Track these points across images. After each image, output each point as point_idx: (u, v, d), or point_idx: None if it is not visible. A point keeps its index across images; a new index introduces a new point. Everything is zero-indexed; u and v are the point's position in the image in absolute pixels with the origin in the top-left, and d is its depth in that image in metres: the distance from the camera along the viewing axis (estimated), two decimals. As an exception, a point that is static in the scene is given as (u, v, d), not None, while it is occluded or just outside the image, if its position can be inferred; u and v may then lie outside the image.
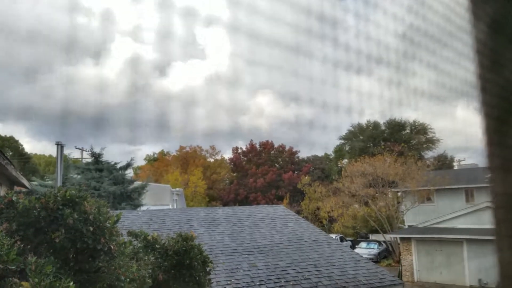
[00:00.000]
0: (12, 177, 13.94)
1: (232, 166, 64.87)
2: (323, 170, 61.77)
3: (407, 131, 55.78)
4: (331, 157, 66.51)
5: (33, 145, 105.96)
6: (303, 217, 25.51)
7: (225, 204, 54.20)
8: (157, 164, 66.04)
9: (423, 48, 2.03)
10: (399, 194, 37.43)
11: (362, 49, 1.92)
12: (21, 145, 60.11)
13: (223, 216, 16.22)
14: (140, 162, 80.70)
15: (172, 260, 6.96)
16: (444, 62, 1.97)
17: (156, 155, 77.55)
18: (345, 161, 54.22)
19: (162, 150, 76.35)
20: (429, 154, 53.63)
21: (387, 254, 36.30)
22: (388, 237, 34.51)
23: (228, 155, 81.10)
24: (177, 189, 44.79)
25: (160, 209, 20.49)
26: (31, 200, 5.51)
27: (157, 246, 7.10)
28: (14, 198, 5.56)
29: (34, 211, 5.39)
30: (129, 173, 34.97)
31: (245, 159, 63.51)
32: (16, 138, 59.97)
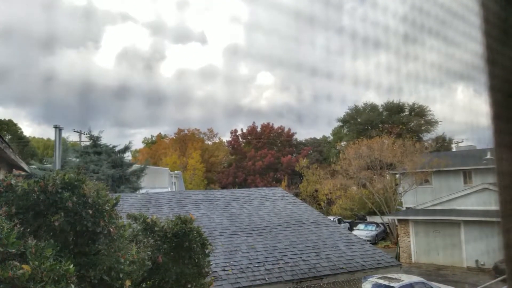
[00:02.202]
0: (10, 161, 13.92)
1: (230, 149, 64.80)
2: (321, 152, 61.90)
3: (406, 113, 55.69)
4: (329, 139, 66.51)
5: (33, 128, 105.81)
6: (301, 199, 25.60)
7: (224, 187, 54.33)
8: (155, 147, 65.99)
9: (425, 30, 1.98)
10: (397, 176, 37.54)
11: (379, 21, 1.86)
12: (20, 129, 59.96)
13: (221, 198, 16.24)
14: (138, 145, 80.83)
15: (171, 243, 6.97)
16: (448, 44, 1.93)
17: (154, 138, 77.46)
18: (343, 143, 54.22)
19: (160, 133, 76.29)
20: (427, 136, 53.71)
21: (384, 236, 36.56)
22: (386, 219, 34.74)
23: (226, 138, 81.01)
24: (175, 172, 44.85)
25: (159, 191, 20.51)
26: (30, 184, 5.49)
27: (156, 228, 7.10)
28: (13, 182, 5.54)
29: (33, 195, 5.38)
30: (128, 156, 34.95)
31: (244, 141, 63.45)
32: (15, 121, 59.84)
